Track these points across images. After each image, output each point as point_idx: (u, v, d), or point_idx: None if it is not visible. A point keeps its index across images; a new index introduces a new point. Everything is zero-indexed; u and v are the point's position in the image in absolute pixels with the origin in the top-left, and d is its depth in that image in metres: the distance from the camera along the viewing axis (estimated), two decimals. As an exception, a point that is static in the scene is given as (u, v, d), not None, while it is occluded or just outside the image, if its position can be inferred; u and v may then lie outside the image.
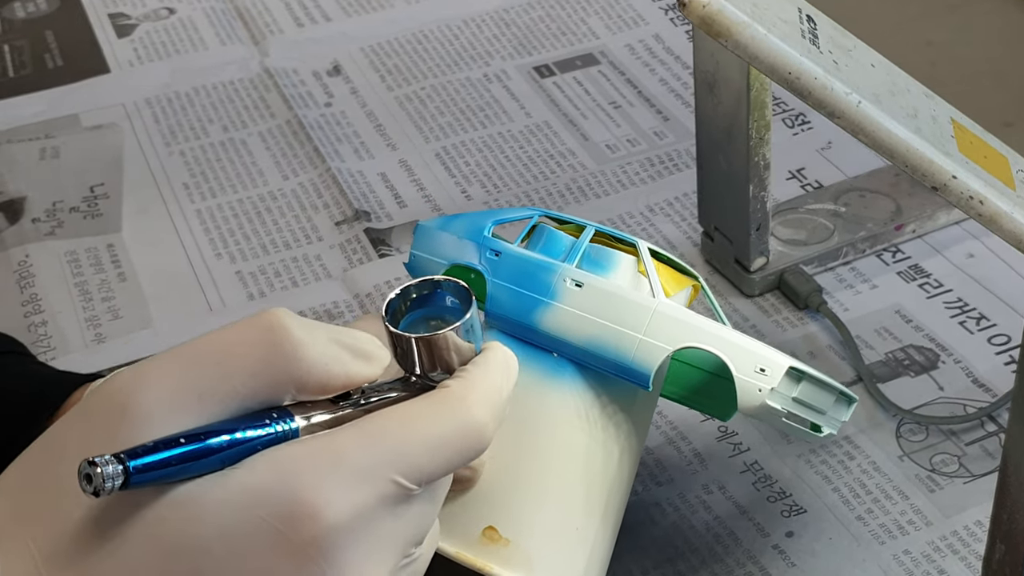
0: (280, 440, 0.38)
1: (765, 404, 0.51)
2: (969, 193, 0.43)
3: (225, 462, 0.37)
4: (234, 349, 0.38)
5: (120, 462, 0.35)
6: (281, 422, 0.38)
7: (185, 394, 0.38)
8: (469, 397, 0.40)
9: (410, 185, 0.86)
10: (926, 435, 0.67)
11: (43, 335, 0.77)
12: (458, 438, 0.40)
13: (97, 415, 0.38)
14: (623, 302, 0.52)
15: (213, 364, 0.38)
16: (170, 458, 0.36)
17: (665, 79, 0.93)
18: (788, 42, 0.41)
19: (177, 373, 0.38)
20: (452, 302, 0.42)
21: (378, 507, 0.38)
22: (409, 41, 0.99)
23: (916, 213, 0.78)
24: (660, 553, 0.62)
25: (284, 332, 0.39)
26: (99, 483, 0.35)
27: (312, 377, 0.39)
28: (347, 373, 0.40)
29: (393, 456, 0.38)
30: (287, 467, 0.37)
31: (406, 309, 0.42)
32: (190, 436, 0.37)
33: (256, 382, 0.38)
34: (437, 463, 0.39)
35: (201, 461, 0.37)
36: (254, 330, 0.39)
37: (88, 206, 0.86)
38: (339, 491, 0.37)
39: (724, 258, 0.76)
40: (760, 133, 0.69)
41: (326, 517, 0.37)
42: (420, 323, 0.42)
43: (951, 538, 0.62)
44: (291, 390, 0.39)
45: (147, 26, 1.03)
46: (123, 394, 0.38)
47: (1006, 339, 0.72)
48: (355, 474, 0.38)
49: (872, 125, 0.42)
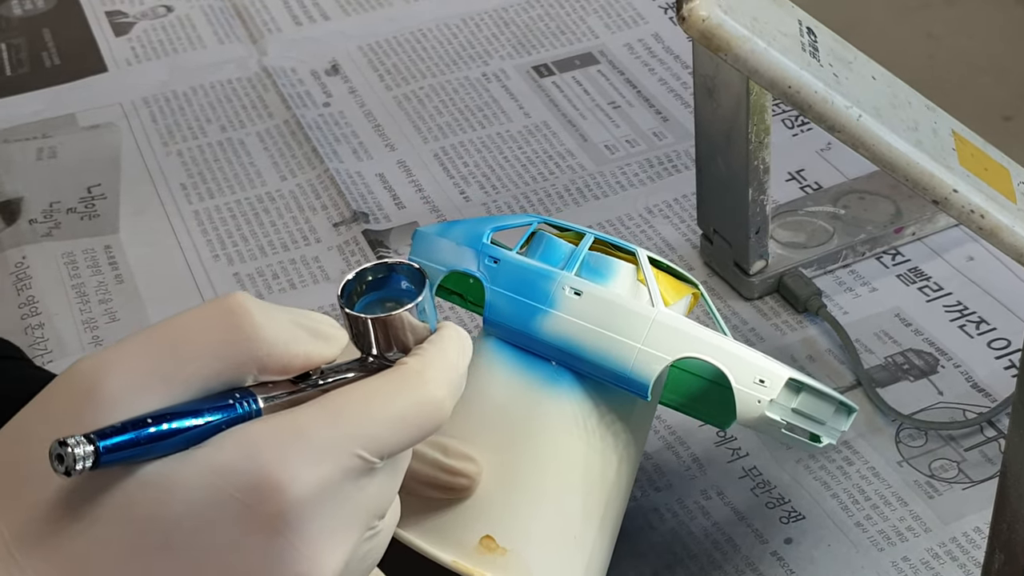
0: (244, 419, 0.39)
1: (764, 415, 0.51)
2: (970, 207, 0.43)
3: (191, 442, 0.38)
4: (196, 331, 0.39)
5: (90, 442, 0.36)
6: (244, 402, 0.39)
7: (149, 377, 0.38)
8: (426, 373, 0.41)
9: (408, 186, 0.86)
10: (925, 440, 0.67)
11: (40, 337, 0.77)
12: (417, 413, 0.41)
13: (63, 400, 0.39)
14: (622, 311, 0.51)
15: (176, 347, 0.39)
16: (138, 438, 0.37)
17: (664, 79, 0.93)
18: (788, 56, 0.41)
19: (141, 356, 0.39)
20: (407, 285, 0.43)
21: (342, 480, 0.39)
22: (408, 40, 0.99)
23: (916, 215, 0.78)
24: (659, 559, 0.62)
25: (245, 314, 0.39)
26: (70, 463, 0.35)
27: (273, 358, 0.40)
28: (306, 353, 0.41)
29: (355, 431, 0.39)
30: (252, 444, 0.38)
31: (362, 291, 0.43)
32: (157, 417, 0.38)
33: (218, 364, 0.39)
34: (398, 437, 0.40)
35: (168, 441, 0.38)
36: (215, 313, 0.40)
37: (85, 207, 0.86)
38: (303, 465, 0.38)
39: (723, 261, 0.76)
40: (759, 137, 0.69)
41: (291, 491, 0.38)
42: (376, 305, 0.43)
43: (950, 545, 0.62)
44: (253, 371, 0.40)
45: (145, 24, 1.02)
46: (88, 378, 0.38)
47: (1006, 343, 0.72)
48: (318, 449, 0.39)
49: (872, 139, 0.42)
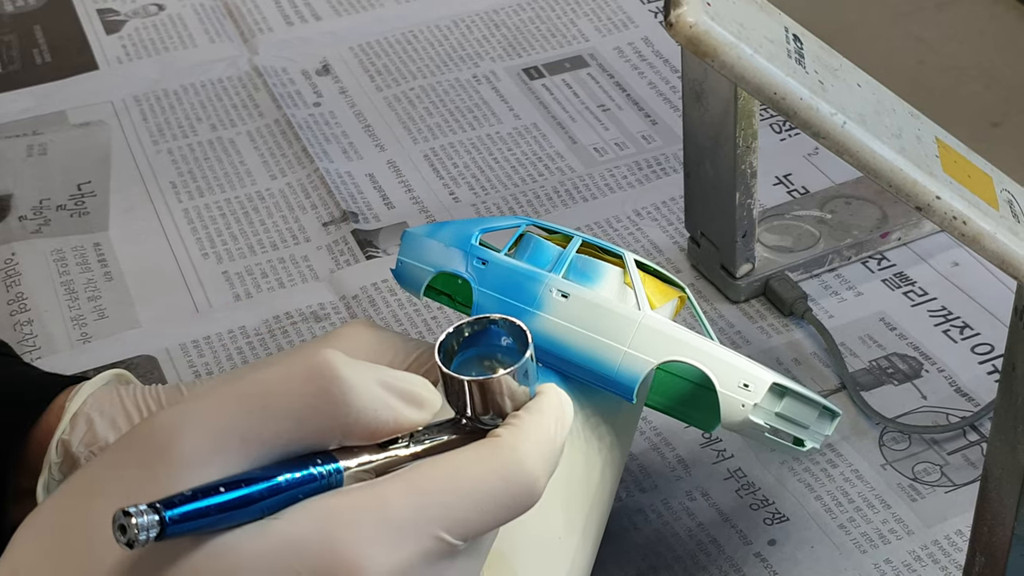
0: (323, 488, 0.37)
1: (748, 419, 0.51)
2: (952, 213, 0.43)
3: (265, 511, 0.36)
4: (280, 392, 0.37)
5: (156, 512, 0.34)
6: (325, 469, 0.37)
7: (227, 438, 0.36)
8: (520, 448, 0.39)
9: (398, 186, 0.86)
10: (909, 444, 0.67)
11: (28, 334, 0.77)
12: (507, 492, 0.38)
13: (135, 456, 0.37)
14: (608, 314, 0.52)
15: (258, 407, 0.37)
16: (208, 507, 0.35)
17: (654, 82, 0.94)
18: (774, 62, 0.41)
19: (220, 415, 0.37)
20: (507, 342, 0.40)
21: (420, 564, 0.37)
22: (399, 41, 0.99)
23: (902, 221, 0.78)
24: (643, 560, 0.62)
25: (333, 376, 0.37)
26: (133, 535, 0.33)
27: (360, 424, 0.38)
28: (396, 419, 0.38)
29: (439, 511, 0.37)
30: (328, 520, 0.36)
31: (459, 347, 0.40)
32: (230, 484, 0.35)
33: (301, 428, 0.37)
34: (484, 518, 0.38)
35: (241, 510, 0.36)
36: (301, 371, 0.37)
37: (75, 204, 0.86)
38: (381, 547, 0.36)
39: (710, 264, 0.77)
40: (747, 142, 0.70)
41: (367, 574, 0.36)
42: (473, 362, 0.40)
43: (932, 547, 0.62)
44: (338, 436, 0.38)
45: (136, 22, 1.03)
46: (163, 435, 0.37)
47: (989, 348, 0.72)
48: (398, 530, 0.36)
49: (856, 146, 0.42)
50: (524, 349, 0.40)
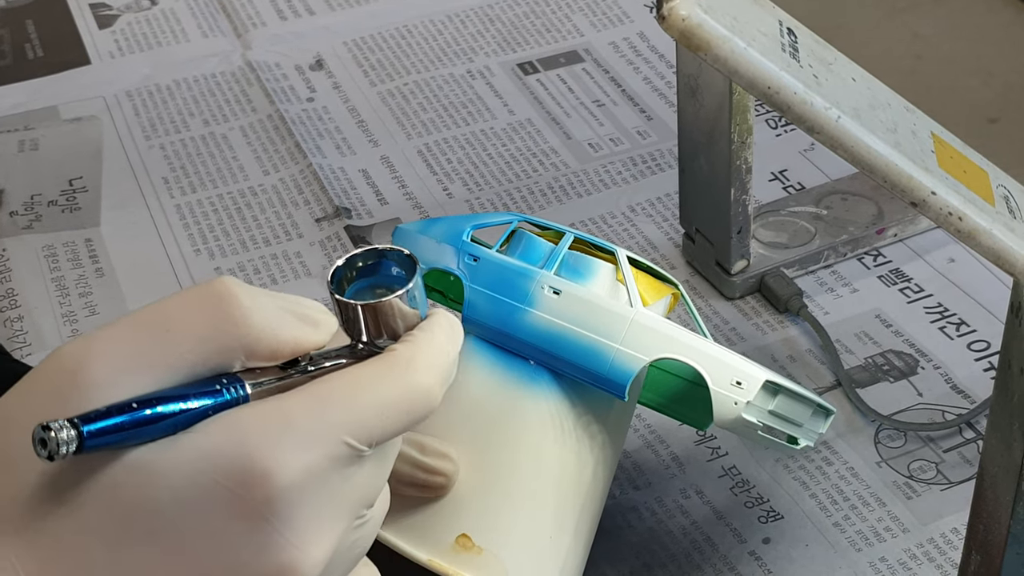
0: (231, 405, 0.39)
1: (741, 417, 0.51)
2: (948, 209, 0.43)
3: (177, 427, 0.38)
4: (183, 316, 0.39)
5: (74, 426, 0.35)
6: (231, 388, 0.39)
7: (135, 361, 0.38)
8: (416, 360, 0.41)
9: (391, 182, 0.86)
10: (904, 441, 0.67)
11: (19, 330, 0.76)
12: (406, 400, 0.40)
13: (47, 384, 0.38)
14: (600, 311, 0.51)
15: (162, 331, 0.39)
16: (123, 423, 0.36)
17: (649, 78, 0.93)
18: (768, 56, 0.41)
19: (126, 341, 0.38)
20: (397, 271, 0.42)
21: (329, 468, 0.39)
22: (392, 36, 0.99)
23: (898, 217, 0.78)
24: (637, 559, 0.62)
25: (232, 299, 0.39)
26: (53, 447, 0.35)
27: (261, 343, 0.39)
28: (295, 339, 0.40)
29: (343, 418, 0.39)
30: (239, 430, 0.38)
31: (352, 278, 0.42)
32: (142, 401, 0.37)
33: (205, 348, 0.39)
34: (386, 425, 0.40)
35: (154, 426, 0.37)
36: (203, 297, 0.39)
37: (67, 200, 0.85)
38: (291, 453, 0.38)
39: (705, 260, 0.76)
40: (742, 137, 0.69)
41: (278, 478, 0.37)
42: (366, 291, 0.42)
43: (927, 546, 0.62)
44: (240, 356, 0.39)
45: (128, 17, 1.02)
46: (73, 363, 0.38)
47: (985, 345, 0.72)
48: (306, 436, 0.38)
49: (851, 140, 0.42)
50: (412, 275, 0.42)
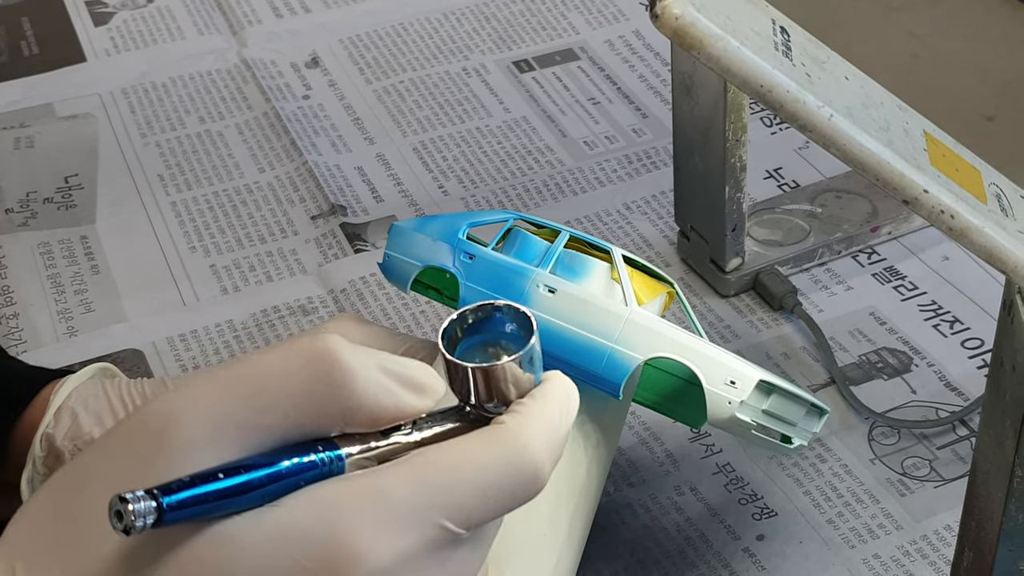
0: (324, 476, 0.36)
1: (734, 416, 0.51)
2: (940, 207, 0.43)
3: (265, 498, 0.35)
4: (280, 377, 0.36)
5: (153, 498, 0.33)
6: (326, 457, 0.36)
7: (224, 424, 0.36)
8: (524, 435, 0.38)
9: (387, 180, 0.86)
10: (898, 438, 0.67)
11: (14, 327, 0.76)
12: (511, 480, 0.37)
13: (131, 442, 0.36)
14: (595, 310, 0.52)
15: (256, 393, 0.36)
16: (207, 494, 0.34)
17: (644, 76, 0.93)
18: (761, 55, 0.41)
19: (218, 401, 0.36)
20: (511, 328, 0.40)
21: (422, 553, 0.36)
22: (388, 34, 0.99)
23: (892, 215, 0.78)
24: (631, 555, 0.62)
25: (334, 360, 0.36)
26: (130, 521, 0.33)
27: (362, 410, 0.37)
28: (398, 406, 0.37)
29: (442, 498, 0.36)
30: (329, 507, 0.35)
31: (462, 334, 0.40)
32: (229, 470, 0.35)
33: (301, 414, 0.36)
34: (487, 506, 0.37)
35: (240, 497, 0.35)
36: (302, 356, 0.36)
37: (62, 197, 0.85)
38: (383, 535, 0.35)
39: (700, 258, 0.76)
40: (737, 135, 0.69)
41: (368, 563, 0.35)
42: (477, 350, 0.40)
43: (921, 543, 0.62)
44: (339, 423, 0.37)
45: (124, 14, 1.02)
46: (158, 422, 0.36)
47: (979, 343, 0.72)
48: (400, 517, 0.36)
49: (843, 139, 0.42)
50: (529, 336, 0.39)
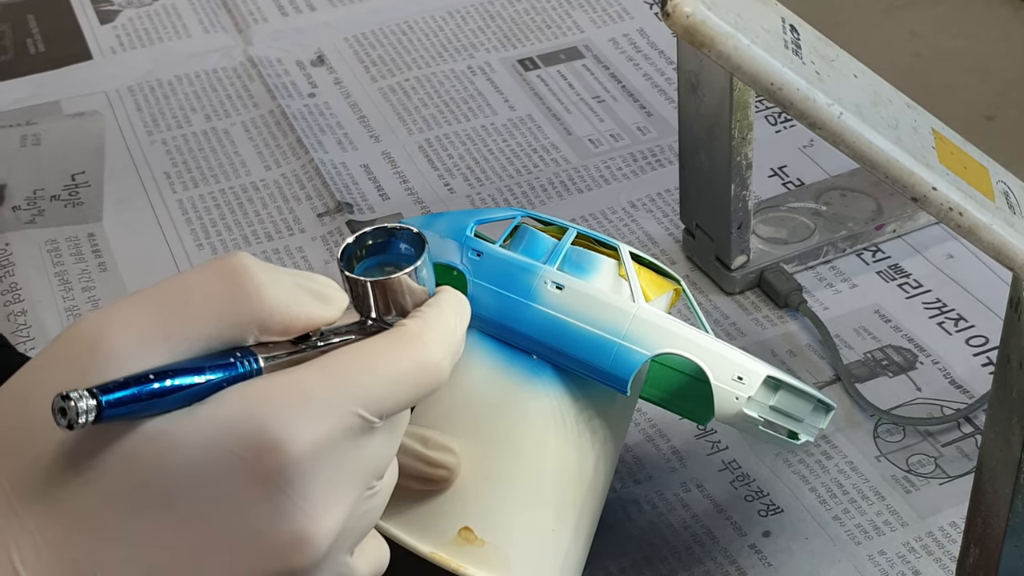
0: (245, 378, 0.39)
1: (742, 412, 0.51)
2: (949, 205, 0.43)
3: (193, 399, 0.38)
4: (199, 290, 0.40)
5: (93, 396, 0.36)
6: (245, 361, 0.39)
7: (152, 334, 0.39)
8: (424, 335, 0.42)
9: (393, 177, 0.86)
10: (903, 436, 0.67)
11: (22, 324, 0.77)
12: (416, 373, 0.41)
13: (65, 356, 0.39)
14: (603, 306, 0.52)
15: (179, 305, 0.39)
16: (141, 393, 0.37)
17: (649, 74, 0.94)
18: (771, 53, 0.41)
19: (143, 314, 0.39)
20: (406, 248, 0.43)
21: (341, 439, 0.39)
22: (393, 32, 0.99)
23: (897, 213, 0.78)
24: (637, 551, 0.62)
25: (247, 274, 0.40)
26: (73, 416, 0.36)
27: (274, 318, 0.40)
28: (307, 314, 0.41)
29: (355, 390, 0.40)
30: (252, 401, 0.38)
31: (362, 256, 0.43)
32: (159, 373, 0.38)
33: (220, 323, 0.39)
34: (397, 397, 0.41)
35: (170, 397, 0.38)
36: (218, 272, 0.40)
37: (69, 194, 0.86)
38: (303, 423, 0.38)
39: (705, 256, 0.77)
40: (742, 133, 0.69)
41: (291, 448, 0.38)
42: (375, 269, 0.43)
43: (926, 539, 0.62)
44: (254, 331, 0.40)
45: (130, 12, 1.02)
46: (90, 335, 0.39)
47: (984, 340, 0.72)
48: (319, 407, 0.39)
49: (853, 136, 0.42)
50: (421, 253, 0.43)
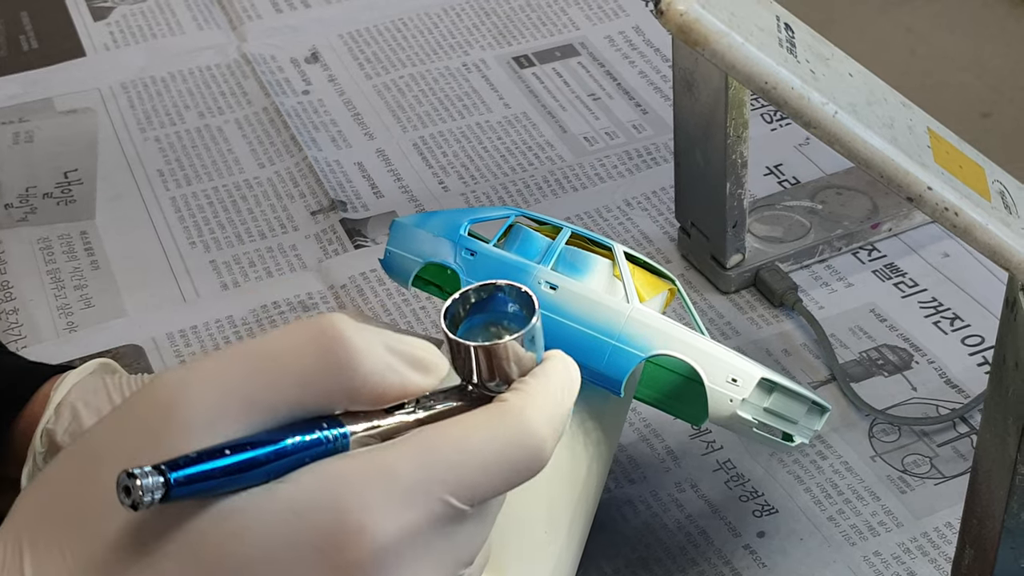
0: (329, 453, 0.37)
1: (736, 414, 0.51)
2: (944, 204, 0.43)
3: (271, 475, 0.36)
4: (286, 355, 0.37)
5: (161, 474, 0.33)
6: (331, 435, 0.37)
7: (232, 400, 0.36)
8: (527, 411, 0.38)
9: (387, 175, 0.86)
10: (898, 435, 0.67)
11: (14, 323, 0.76)
12: (514, 456, 0.38)
13: (138, 419, 0.36)
14: (597, 306, 0.52)
15: (263, 370, 0.37)
16: (214, 470, 0.34)
17: (644, 72, 0.93)
18: (765, 51, 0.41)
19: (224, 378, 0.36)
20: (513, 308, 0.40)
21: (427, 528, 0.37)
22: (388, 29, 0.99)
23: (892, 212, 0.78)
24: (632, 552, 0.62)
25: (339, 339, 0.37)
26: (138, 497, 0.33)
27: (367, 388, 0.37)
28: (403, 384, 0.38)
29: (446, 474, 0.37)
30: (335, 483, 0.36)
31: (465, 314, 0.40)
32: (236, 447, 0.35)
33: (307, 392, 0.37)
34: (491, 482, 0.38)
35: (246, 474, 0.35)
36: (308, 335, 0.37)
37: (62, 192, 0.85)
38: (388, 510, 0.36)
39: (700, 254, 0.76)
40: (738, 131, 0.69)
41: (373, 538, 0.35)
42: (479, 330, 0.40)
43: (921, 540, 0.62)
44: (343, 400, 0.37)
45: (124, 9, 1.02)
46: (167, 398, 0.36)
47: (979, 340, 0.72)
48: (405, 493, 0.36)
49: (848, 136, 0.42)
50: (531, 315, 0.39)
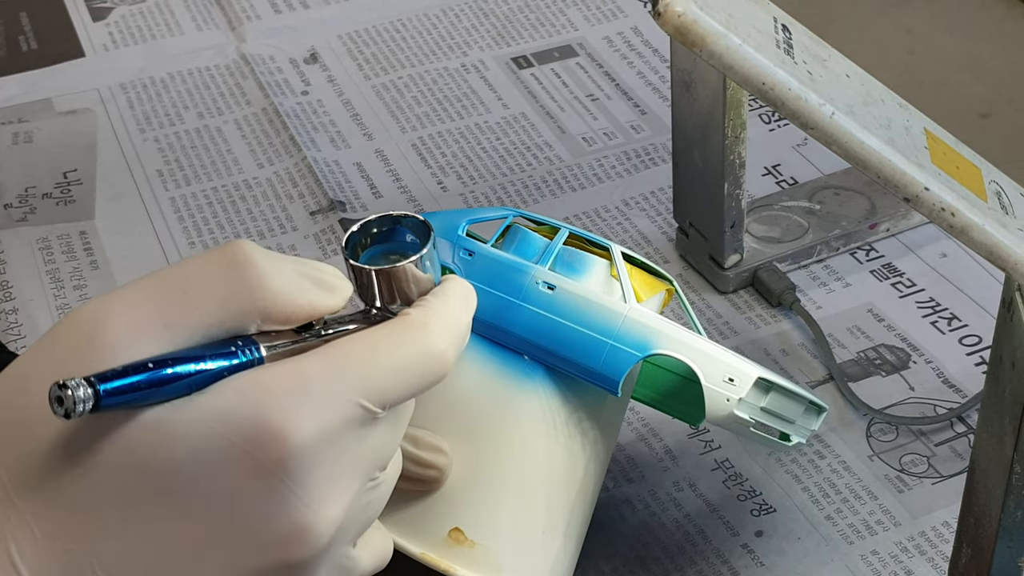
0: (246, 367, 0.39)
1: (733, 414, 0.51)
2: (941, 205, 0.43)
3: (193, 388, 0.38)
4: (200, 279, 0.39)
5: (90, 385, 0.36)
6: (246, 350, 0.39)
7: (152, 323, 0.38)
8: (429, 324, 0.41)
9: (386, 175, 0.86)
10: (896, 435, 0.67)
11: (14, 323, 0.76)
12: (420, 363, 0.41)
13: (64, 344, 0.38)
14: (594, 306, 0.52)
15: (179, 294, 0.39)
16: (139, 382, 0.37)
17: (643, 72, 0.93)
18: (763, 52, 0.41)
19: (143, 302, 0.39)
20: (411, 238, 0.43)
21: (343, 430, 0.39)
22: (387, 29, 0.99)
23: (890, 212, 0.78)
24: (630, 551, 0.62)
25: (249, 262, 0.39)
26: (70, 405, 0.35)
27: (276, 307, 0.40)
28: (310, 303, 0.40)
29: (358, 380, 0.39)
30: (254, 391, 0.38)
31: (367, 244, 0.43)
32: (159, 362, 0.37)
33: (222, 311, 0.39)
34: (400, 387, 0.40)
35: (170, 386, 0.38)
36: (220, 260, 0.40)
37: (61, 192, 0.85)
38: (305, 414, 0.38)
39: (698, 254, 0.77)
40: (736, 132, 0.69)
41: (292, 439, 0.38)
42: (380, 257, 0.43)
43: (919, 539, 0.62)
44: (256, 320, 0.40)
45: (123, 9, 1.02)
46: (90, 323, 0.38)
47: (977, 340, 0.72)
48: (320, 397, 0.38)
49: (845, 136, 0.42)
50: (426, 241, 0.42)
